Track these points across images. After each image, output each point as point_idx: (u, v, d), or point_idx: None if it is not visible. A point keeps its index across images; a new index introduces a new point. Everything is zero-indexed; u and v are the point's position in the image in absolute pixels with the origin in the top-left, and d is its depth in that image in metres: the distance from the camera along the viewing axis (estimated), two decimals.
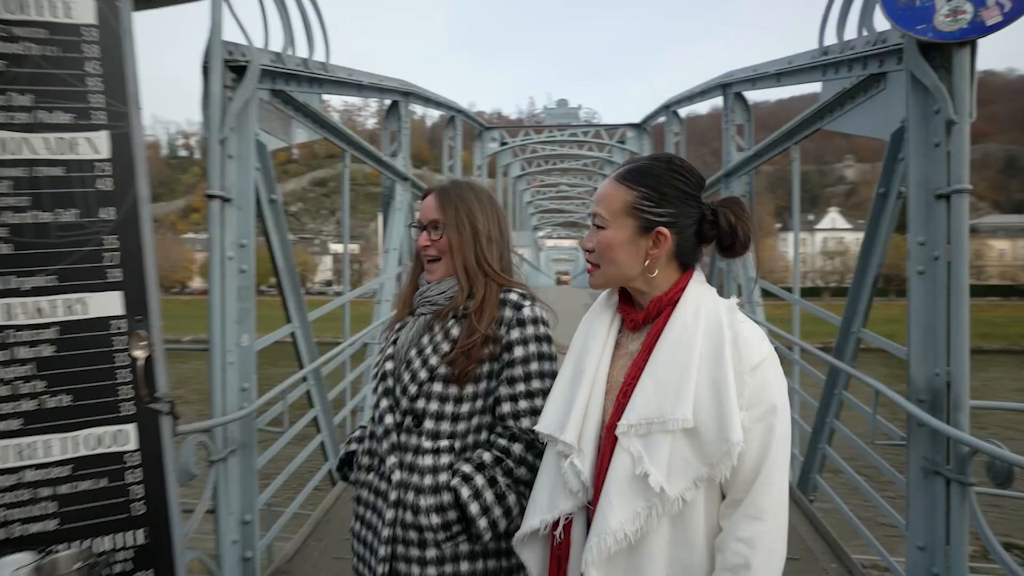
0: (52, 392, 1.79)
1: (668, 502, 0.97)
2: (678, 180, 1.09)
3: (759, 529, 0.96)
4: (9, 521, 1.75)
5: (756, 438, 0.98)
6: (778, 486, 0.99)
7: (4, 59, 1.75)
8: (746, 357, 1.01)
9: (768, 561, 0.96)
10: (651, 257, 1.09)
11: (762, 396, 1.00)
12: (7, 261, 1.76)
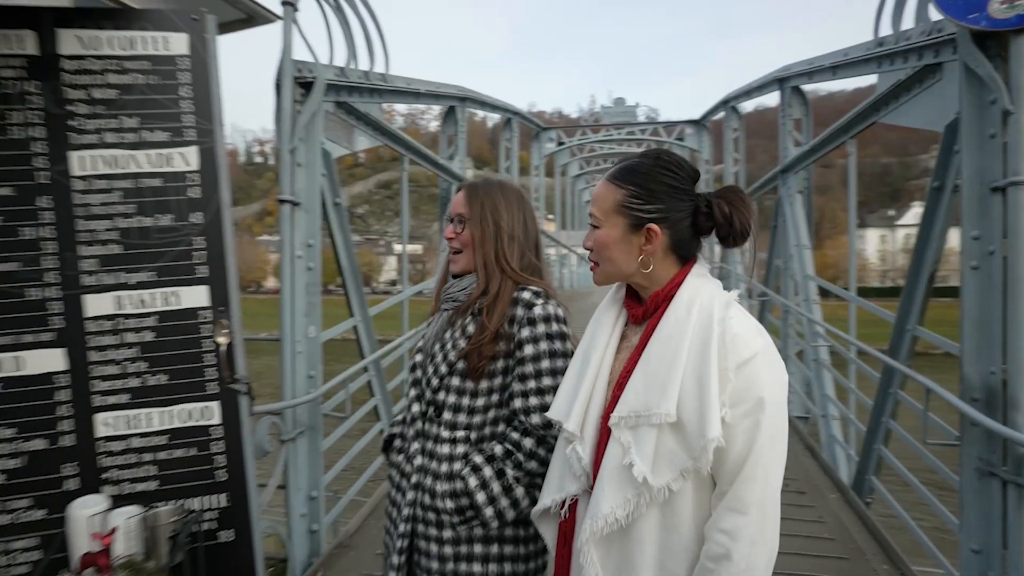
0: (152, 372, 2.09)
1: (653, 492, 1.00)
2: (666, 176, 1.09)
3: (741, 522, 0.97)
4: (121, 480, 2.06)
5: (741, 433, 0.98)
6: (763, 481, 0.98)
7: (117, 88, 2.06)
8: (733, 353, 1.00)
9: (750, 553, 0.96)
10: (645, 253, 1.10)
11: (749, 392, 0.99)
12: (118, 260, 2.07)
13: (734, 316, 1.04)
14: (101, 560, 1.70)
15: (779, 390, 1.02)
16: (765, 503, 0.98)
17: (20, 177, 2.00)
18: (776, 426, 1.00)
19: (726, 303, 1.06)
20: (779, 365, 1.05)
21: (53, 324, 2.02)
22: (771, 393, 1.00)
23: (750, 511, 0.97)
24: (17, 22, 1.99)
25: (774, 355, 1.04)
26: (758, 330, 1.06)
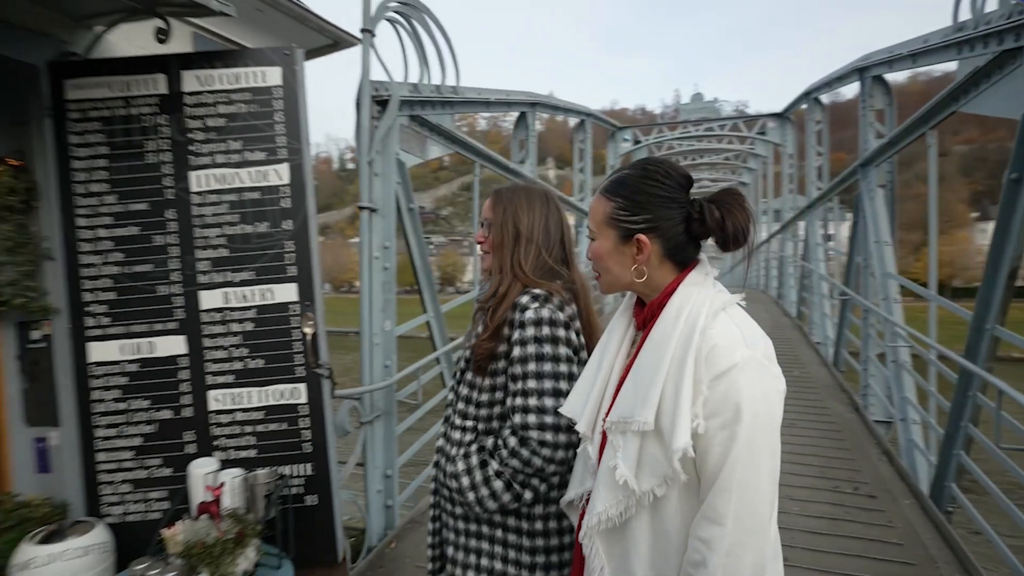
0: (252, 356, 2.46)
1: (636, 496, 1.03)
2: (651, 186, 1.09)
3: (716, 532, 0.95)
4: (227, 447, 2.44)
5: (718, 445, 0.97)
6: (738, 493, 0.95)
7: (225, 117, 2.44)
8: (709, 365, 0.98)
9: (727, 564, 0.94)
10: (637, 262, 1.10)
11: (725, 404, 0.97)
12: (225, 261, 2.46)
13: (717, 326, 1.02)
14: (213, 509, 2.06)
15: (761, 402, 0.97)
16: (742, 515, 0.95)
17: (153, 194, 2.43)
18: (755, 438, 0.96)
19: (713, 312, 1.03)
20: (764, 376, 0.99)
21: (176, 315, 2.44)
22: (750, 405, 0.96)
23: (725, 522, 0.95)
24: (152, 68, 2.42)
25: (758, 367, 0.99)
26: (744, 340, 1.01)
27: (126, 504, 2.44)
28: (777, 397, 1.00)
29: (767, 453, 0.97)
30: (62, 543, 2.17)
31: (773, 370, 1.00)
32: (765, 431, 0.97)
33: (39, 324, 2.54)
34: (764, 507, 0.97)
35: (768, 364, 1.00)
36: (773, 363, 1.01)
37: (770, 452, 0.97)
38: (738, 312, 1.07)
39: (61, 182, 2.42)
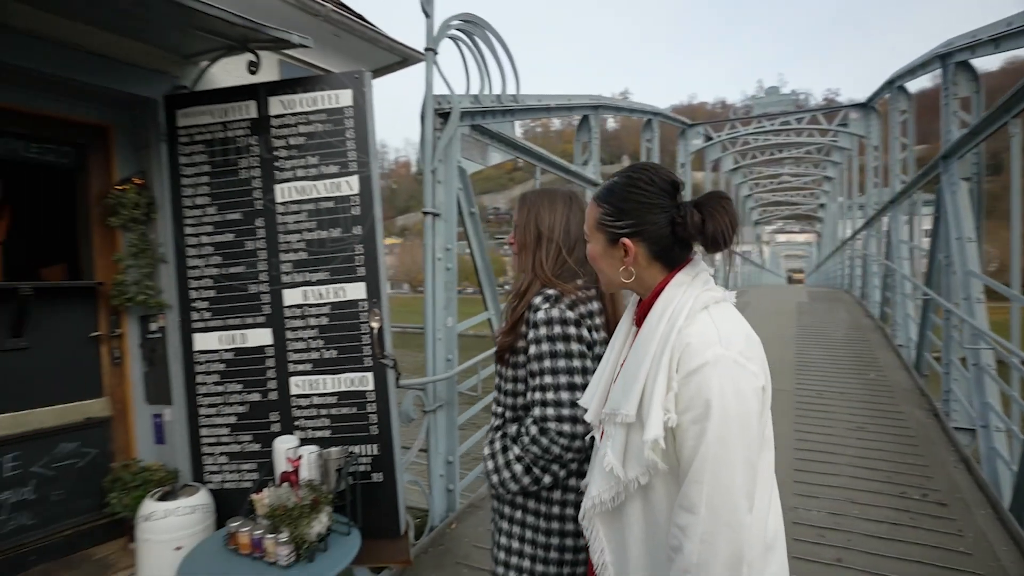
0: (327, 347, 2.77)
1: (623, 483, 1.10)
2: (634, 193, 1.14)
3: (690, 520, 1.00)
4: (306, 427, 2.76)
5: (690, 438, 1.02)
6: (710, 484, 1.00)
7: (305, 136, 2.77)
8: (684, 362, 1.04)
9: (701, 551, 0.99)
10: (624, 264, 1.17)
11: (697, 399, 1.01)
12: (305, 263, 2.78)
13: (695, 325, 1.07)
14: (292, 478, 2.38)
15: (732, 399, 1.01)
16: (714, 505, 0.99)
17: (245, 205, 2.80)
18: (726, 433, 1.00)
19: (693, 311, 1.08)
20: (736, 374, 1.02)
21: (264, 310, 2.80)
22: (720, 401, 1.00)
23: (698, 511, 1.00)
24: (245, 95, 2.79)
25: (731, 364, 1.02)
26: (719, 339, 1.04)
27: (223, 473, 2.83)
28: (752, 394, 1.03)
29: (739, 447, 1.00)
30: (175, 502, 2.57)
31: (749, 368, 1.03)
32: (736, 426, 1.00)
33: (156, 317, 2.99)
34: (737, 498, 1.00)
35: (743, 362, 1.03)
36: (750, 361, 1.04)
37: (743, 446, 1.01)
38: (721, 311, 1.10)
39: (173, 197, 2.85)
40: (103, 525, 2.91)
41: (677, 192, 1.15)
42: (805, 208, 23.51)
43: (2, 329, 2.68)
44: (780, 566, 1.12)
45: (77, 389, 2.92)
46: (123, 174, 3.00)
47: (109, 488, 2.85)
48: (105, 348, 3.02)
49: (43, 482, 2.77)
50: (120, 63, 2.77)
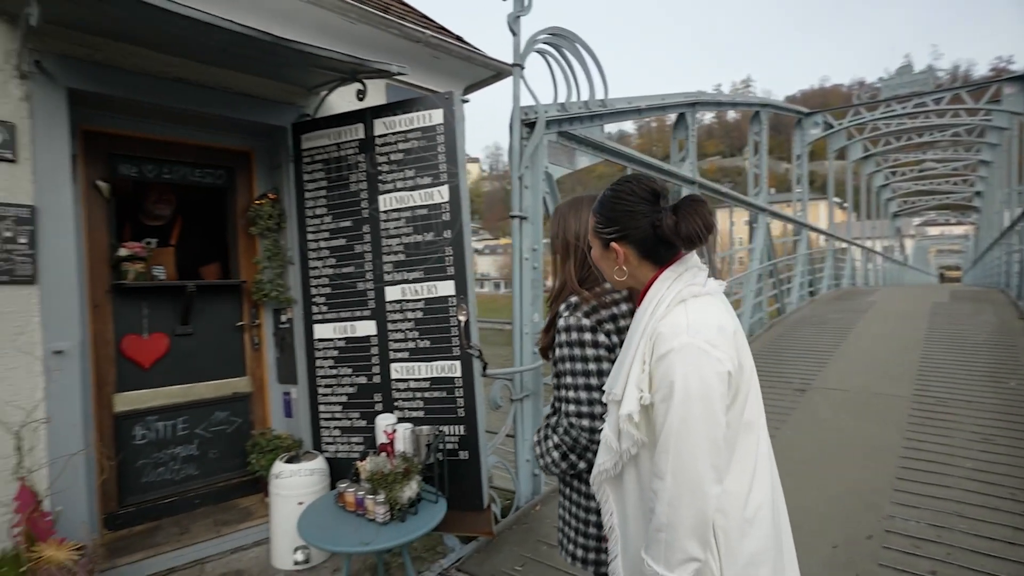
0: (421, 338, 3.13)
1: (618, 453, 1.28)
2: (619, 203, 1.30)
3: (660, 485, 1.17)
4: (403, 408, 3.14)
5: (660, 415, 1.18)
6: (674, 454, 1.15)
7: (403, 152, 3.15)
8: (656, 349, 1.20)
9: (669, 512, 1.15)
10: (618, 264, 1.33)
11: (664, 381, 1.17)
12: (402, 264, 3.16)
13: (669, 316, 1.22)
14: (388, 449, 2.75)
15: (694, 380, 1.15)
16: (679, 473, 1.14)
17: (354, 214, 3.24)
18: (688, 411, 1.14)
19: (670, 304, 1.24)
20: (700, 359, 1.16)
21: (369, 305, 3.22)
22: (683, 383, 1.15)
23: (665, 477, 1.16)
24: (354, 120, 3.23)
25: (695, 351, 1.16)
26: (687, 329, 1.19)
27: (336, 444, 3.29)
28: (715, 377, 1.16)
29: (701, 423, 1.14)
30: (299, 464, 3.05)
31: (714, 354, 1.17)
32: (698, 405, 1.14)
33: (285, 310, 3.55)
34: (701, 469, 1.14)
35: (708, 349, 1.17)
36: (716, 348, 1.18)
37: (705, 422, 1.14)
38: (698, 303, 1.24)
39: (298, 208, 3.36)
40: (246, 481, 3.51)
41: (658, 200, 1.29)
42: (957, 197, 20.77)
43: (175, 318, 3.35)
44: (762, 541, 1.22)
45: (227, 368, 3.55)
46: (261, 190, 3.60)
47: (250, 451, 3.43)
48: (247, 335, 3.64)
49: (203, 442, 3.41)
50: (260, 99, 3.33)
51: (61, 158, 2.68)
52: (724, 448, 1.17)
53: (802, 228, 10.42)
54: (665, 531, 1.17)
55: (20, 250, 2.53)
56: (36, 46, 2.52)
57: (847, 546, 2.95)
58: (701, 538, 1.16)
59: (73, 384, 2.68)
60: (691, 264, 1.31)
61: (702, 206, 1.24)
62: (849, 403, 5.04)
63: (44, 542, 2.33)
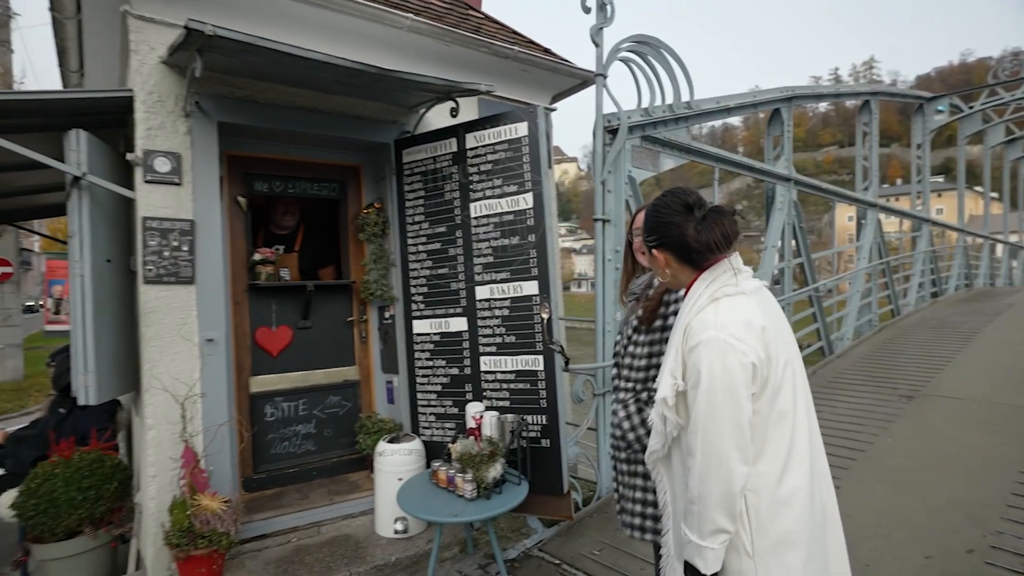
0: (507, 334, 3.39)
1: (663, 435, 1.47)
2: (657, 215, 1.49)
3: (691, 462, 1.35)
4: (490, 397, 3.43)
5: (691, 400, 1.36)
6: (702, 435, 1.32)
7: (492, 163, 3.43)
8: (688, 342, 1.38)
9: (700, 485, 1.32)
10: (661, 268, 1.53)
11: (693, 370, 1.35)
12: (491, 266, 3.44)
13: (702, 313, 1.39)
14: (476, 433, 3.05)
15: (719, 370, 1.31)
16: (707, 452, 1.31)
17: (448, 220, 3.57)
18: (713, 396, 1.31)
19: (704, 302, 1.40)
20: (725, 351, 1.31)
21: (461, 303, 3.53)
22: (708, 372, 1.31)
23: (696, 455, 1.34)
24: (448, 135, 3.56)
25: (720, 344, 1.32)
26: (715, 324, 1.35)
27: (432, 429, 3.65)
28: (738, 367, 1.31)
29: (725, 407, 1.30)
30: (399, 445, 3.43)
31: (738, 347, 1.32)
32: (723, 391, 1.30)
33: (388, 308, 3.96)
34: (726, 449, 1.30)
35: (734, 343, 1.32)
36: (741, 342, 1.32)
37: (729, 407, 1.30)
38: (729, 302, 1.39)
39: (399, 216, 3.76)
40: (355, 458, 3.96)
41: (692, 211, 1.46)
42: None
43: (297, 313, 3.87)
44: (795, 523, 1.34)
45: (339, 358, 4.03)
46: (368, 201, 4.04)
47: (358, 432, 3.88)
48: (356, 330, 4.10)
49: (319, 422, 3.91)
50: (367, 120, 3.76)
51: (212, 180, 3.24)
52: (749, 431, 1.31)
53: (922, 223, 9.57)
54: (697, 504, 1.33)
55: (184, 256, 3.10)
56: (195, 89, 3.06)
57: (943, 558, 2.84)
58: (729, 511, 1.31)
59: (220, 367, 3.22)
60: (728, 267, 1.45)
61: (725, 216, 1.43)
62: (965, 413, 4.69)
63: (202, 493, 2.85)
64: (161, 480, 3.00)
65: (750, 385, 1.32)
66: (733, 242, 1.43)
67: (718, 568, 1.35)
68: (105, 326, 3.02)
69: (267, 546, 3.26)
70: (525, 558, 3.29)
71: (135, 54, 3.01)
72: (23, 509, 3.24)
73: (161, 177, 3.06)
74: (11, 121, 3.10)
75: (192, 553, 2.75)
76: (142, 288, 3.01)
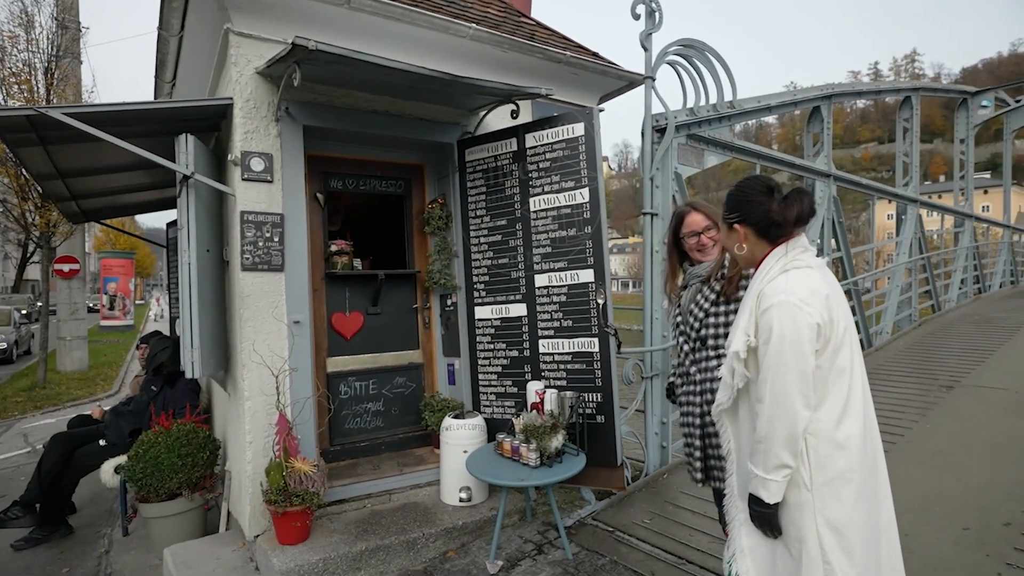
0: (564, 318, 3.66)
1: (732, 387, 1.70)
2: (741, 195, 1.75)
3: (760, 407, 1.58)
4: (549, 376, 3.70)
5: (762, 355, 1.59)
6: (771, 383, 1.55)
7: (550, 160, 3.70)
8: (761, 304, 1.61)
9: (767, 427, 1.56)
10: (739, 242, 1.78)
11: (765, 329, 1.58)
12: (549, 256, 3.72)
13: (775, 281, 1.63)
14: (539, 407, 3.33)
15: (789, 328, 1.54)
16: (774, 397, 1.55)
17: (509, 214, 3.86)
18: (782, 350, 1.54)
19: (775, 272, 1.65)
20: (793, 312, 1.54)
21: (521, 290, 3.82)
22: (778, 331, 1.55)
23: (764, 400, 1.57)
24: (509, 135, 3.85)
25: (790, 307, 1.55)
26: (785, 290, 1.58)
27: (492, 407, 3.94)
28: (805, 327, 1.54)
29: (792, 358, 1.54)
30: (464, 420, 3.73)
31: (805, 310, 1.55)
32: (791, 345, 1.54)
33: (451, 295, 4.27)
34: (792, 394, 1.53)
35: (801, 305, 1.56)
36: (808, 305, 1.56)
37: (795, 359, 1.54)
38: (797, 273, 1.63)
39: (462, 211, 4.06)
40: (419, 435, 4.29)
41: (772, 192, 1.73)
42: None
43: (367, 300, 4.22)
44: (850, 463, 1.57)
45: (404, 342, 4.36)
46: (431, 196, 4.36)
47: (422, 410, 4.20)
48: (420, 316, 4.43)
49: (387, 401, 4.25)
50: (432, 122, 4.08)
51: (298, 178, 3.59)
52: (812, 381, 1.55)
53: (964, 219, 9.50)
54: (764, 442, 1.58)
55: (275, 247, 3.46)
56: (285, 96, 3.42)
57: (980, 530, 3.01)
58: (792, 449, 1.55)
59: (305, 346, 3.57)
60: (797, 244, 1.71)
61: (806, 195, 1.71)
62: (1005, 402, 4.78)
63: (294, 457, 3.20)
64: (256, 446, 3.36)
65: (814, 342, 1.56)
66: (810, 219, 1.68)
67: (779, 499, 1.60)
68: (206, 309, 3.39)
69: (345, 510, 3.60)
70: (580, 526, 3.56)
71: (235, 66, 3.37)
72: (133, 472, 3.66)
73: (256, 175, 3.42)
74: (126, 128, 3.50)
75: (288, 509, 3.10)
76: (240, 275, 3.37)
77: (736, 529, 1.78)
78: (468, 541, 3.40)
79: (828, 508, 1.57)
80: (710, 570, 2.91)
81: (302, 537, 3.17)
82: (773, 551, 1.68)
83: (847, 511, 1.57)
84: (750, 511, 1.68)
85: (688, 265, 2.32)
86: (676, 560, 3.05)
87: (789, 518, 1.62)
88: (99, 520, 4.54)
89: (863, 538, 1.58)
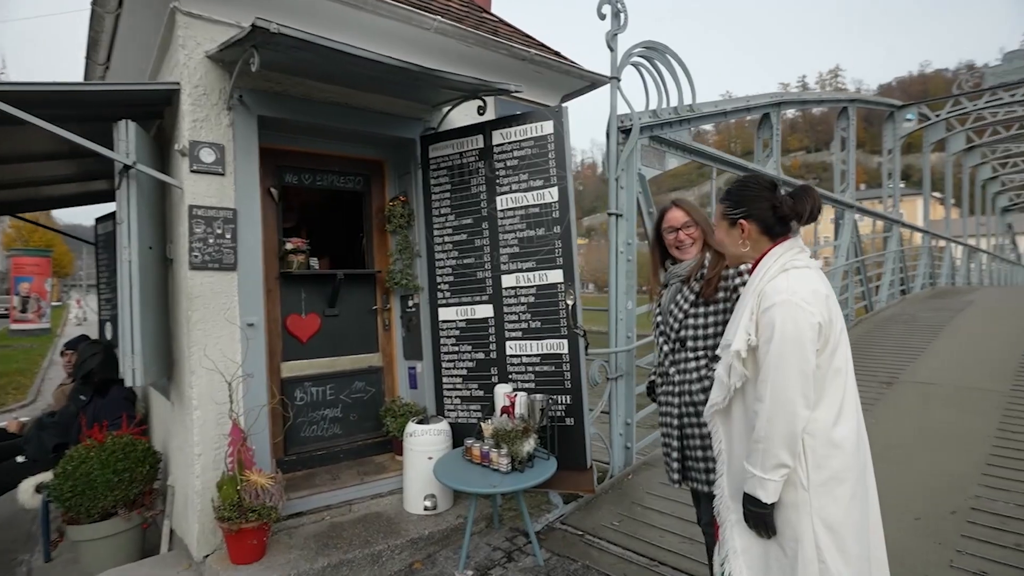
0: (533, 320, 3.59)
1: (728, 387, 1.68)
2: (746, 190, 1.74)
3: (760, 406, 1.56)
4: (516, 379, 3.62)
5: (763, 354, 1.57)
6: (772, 383, 1.53)
7: (518, 159, 3.62)
8: (762, 303, 1.60)
9: (766, 427, 1.54)
10: (742, 239, 1.75)
11: (766, 328, 1.57)
12: (517, 256, 3.64)
13: (776, 279, 1.62)
14: (509, 411, 3.25)
15: (790, 327, 1.53)
16: (775, 397, 1.53)
17: (475, 213, 3.76)
18: (783, 350, 1.53)
19: (776, 270, 1.63)
20: (795, 312, 1.53)
21: (487, 291, 3.73)
22: (780, 330, 1.54)
23: (764, 399, 1.56)
24: (475, 131, 3.75)
25: (792, 305, 1.55)
26: (787, 289, 1.58)
27: (457, 411, 3.83)
28: (807, 326, 1.53)
29: (793, 358, 1.53)
30: (429, 426, 3.60)
31: (807, 309, 1.55)
32: (792, 344, 1.53)
33: (412, 296, 4.13)
34: (792, 394, 1.52)
35: (803, 305, 1.55)
36: (809, 305, 1.55)
37: (796, 359, 1.53)
38: (798, 272, 1.63)
39: (425, 209, 3.93)
40: (379, 441, 4.12)
41: (775, 189, 1.75)
42: None
43: (325, 301, 4.01)
44: (845, 463, 1.58)
45: (363, 345, 4.18)
46: (392, 194, 4.20)
47: (383, 416, 4.03)
48: (380, 318, 4.26)
49: (346, 406, 4.05)
50: (393, 116, 3.93)
51: (252, 171, 3.36)
52: (812, 381, 1.54)
53: (893, 225, 10.12)
54: (763, 442, 1.56)
55: (227, 244, 3.22)
56: (238, 84, 3.19)
57: (930, 519, 3.15)
58: (791, 449, 1.54)
59: (260, 350, 3.35)
60: (794, 244, 1.72)
61: (814, 191, 1.72)
62: (940, 396, 5.08)
63: (249, 470, 2.99)
64: (206, 459, 3.12)
65: (815, 342, 1.55)
66: (819, 215, 1.69)
67: (776, 499, 1.59)
68: (148, 311, 3.12)
69: (303, 523, 3.39)
70: (549, 531, 3.50)
71: (182, 48, 3.12)
72: (60, 491, 3.32)
73: (206, 167, 3.18)
74: (55, 111, 3.17)
75: (243, 526, 2.88)
76: (188, 274, 3.12)
77: (728, 530, 1.75)
78: (435, 551, 3.27)
79: (824, 508, 1.56)
80: (683, 571, 2.91)
81: (257, 555, 2.96)
82: (767, 552, 1.66)
83: (842, 511, 1.57)
84: (745, 511, 1.66)
85: (670, 263, 2.30)
86: (648, 562, 3.04)
87: (785, 518, 1.60)
88: (15, 546, 4.10)
89: (857, 537, 1.59)
